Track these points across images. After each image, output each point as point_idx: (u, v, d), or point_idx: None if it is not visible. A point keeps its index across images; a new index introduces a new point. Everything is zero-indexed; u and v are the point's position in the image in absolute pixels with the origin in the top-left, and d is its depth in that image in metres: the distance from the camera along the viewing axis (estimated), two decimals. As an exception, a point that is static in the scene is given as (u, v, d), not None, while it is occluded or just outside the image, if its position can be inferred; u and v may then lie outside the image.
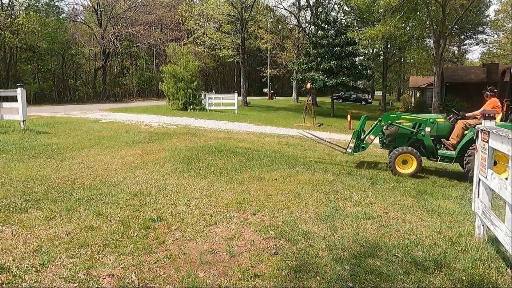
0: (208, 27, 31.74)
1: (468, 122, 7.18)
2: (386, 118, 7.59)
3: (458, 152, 6.97)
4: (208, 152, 8.66)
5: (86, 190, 5.19)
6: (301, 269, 3.13)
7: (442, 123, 7.35)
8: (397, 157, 7.08)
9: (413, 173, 7.01)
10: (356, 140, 7.68)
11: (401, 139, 7.52)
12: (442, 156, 7.20)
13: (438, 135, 7.35)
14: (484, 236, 3.80)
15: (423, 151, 7.40)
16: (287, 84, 61.53)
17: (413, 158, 7.05)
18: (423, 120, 7.38)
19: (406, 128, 7.42)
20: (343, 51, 26.56)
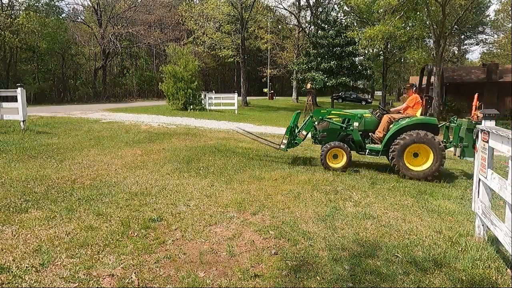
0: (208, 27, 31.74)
1: (393, 116, 7.48)
2: (317, 114, 7.74)
3: (384, 146, 7.21)
4: (208, 152, 8.66)
5: (86, 190, 5.19)
6: (301, 269, 3.13)
7: (369, 118, 7.60)
8: (328, 151, 7.23)
9: (343, 167, 7.19)
10: (289, 136, 7.74)
11: (332, 134, 7.66)
12: (370, 150, 7.42)
13: (366, 129, 7.61)
14: (484, 236, 3.80)
15: (353, 145, 7.60)
16: (287, 84, 61.53)
17: (343, 153, 7.24)
18: (351, 115, 7.60)
19: (336, 123, 7.60)
20: (343, 51, 26.58)
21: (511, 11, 38.94)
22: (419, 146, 6.89)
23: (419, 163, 6.97)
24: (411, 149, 6.92)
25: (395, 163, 6.93)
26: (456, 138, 7.40)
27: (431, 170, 6.81)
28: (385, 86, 40.86)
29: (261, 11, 37.35)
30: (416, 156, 6.99)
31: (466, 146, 7.13)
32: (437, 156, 6.78)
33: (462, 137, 7.17)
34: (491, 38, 51.71)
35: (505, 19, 43.49)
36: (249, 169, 6.95)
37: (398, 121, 7.25)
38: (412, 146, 6.87)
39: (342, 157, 7.27)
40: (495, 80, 31.12)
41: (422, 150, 6.94)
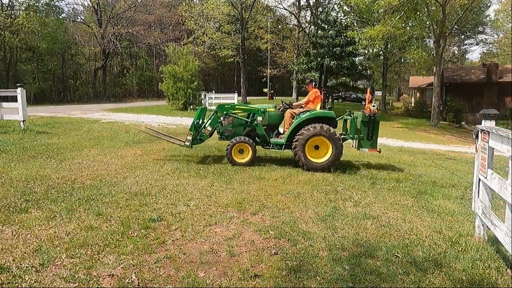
0: (208, 27, 31.75)
1: (294, 111, 7.62)
2: (221, 109, 7.66)
3: (287, 140, 7.33)
4: (208, 152, 8.66)
5: (86, 190, 5.19)
6: (301, 269, 3.13)
7: (272, 112, 7.69)
8: (233, 147, 7.21)
9: (249, 162, 7.22)
10: (194, 133, 7.60)
11: (238, 129, 7.66)
12: (274, 144, 7.49)
13: (269, 124, 7.71)
14: (484, 236, 3.79)
15: (258, 140, 7.62)
16: (287, 84, 61.48)
17: (248, 147, 7.25)
18: (255, 110, 7.59)
19: (241, 118, 7.59)
20: (343, 51, 26.55)
21: (511, 11, 38.93)
22: (319, 138, 7.10)
23: (320, 155, 7.19)
24: (312, 142, 7.10)
25: (298, 156, 7.06)
26: (353, 130, 7.70)
27: (331, 161, 7.07)
28: (385, 86, 40.82)
29: (261, 11, 37.37)
30: (317, 148, 7.21)
31: (362, 138, 7.54)
32: (335, 148, 7.05)
33: (359, 129, 7.52)
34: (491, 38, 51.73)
35: (505, 19, 43.47)
36: (249, 169, 6.95)
37: (299, 115, 7.38)
38: (313, 139, 7.06)
39: (248, 152, 7.26)
40: (495, 80, 31.13)
41: (322, 143, 7.17)
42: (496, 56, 48.11)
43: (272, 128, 7.83)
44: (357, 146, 7.66)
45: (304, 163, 7.07)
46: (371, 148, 7.59)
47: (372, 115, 7.46)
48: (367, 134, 7.52)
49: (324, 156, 7.15)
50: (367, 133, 7.51)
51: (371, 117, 7.46)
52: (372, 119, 7.47)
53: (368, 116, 7.45)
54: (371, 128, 7.50)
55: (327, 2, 41.08)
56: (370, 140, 7.54)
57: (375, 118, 7.49)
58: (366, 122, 7.49)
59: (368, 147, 7.57)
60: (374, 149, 7.62)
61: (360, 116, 7.54)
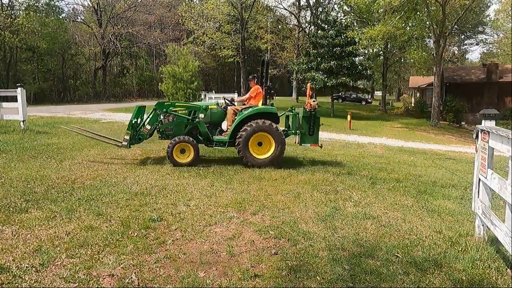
0: (208, 27, 31.76)
1: (236, 108, 7.57)
2: (160, 106, 7.40)
3: (230, 137, 7.24)
4: (208, 152, 8.66)
5: (86, 190, 5.19)
6: (301, 269, 3.13)
7: (215, 109, 7.58)
8: (174, 147, 6.96)
9: (192, 161, 7.02)
10: (132, 132, 7.22)
11: (179, 128, 7.40)
12: (217, 142, 7.37)
13: (212, 121, 7.56)
14: (484, 236, 3.79)
15: (200, 138, 7.43)
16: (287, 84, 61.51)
17: (190, 147, 7.04)
18: (196, 107, 7.41)
19: (182, 116, 7.38)
20: (343, 51, 26.55)
21: (511, 11, 38.92)
22: (262, 135, 7.11)
23: (263, 151, 7.22)
24: (255, 138, 7.09)
25: (242, 153, 7.02)
26: (295, 126, 7.69)
27: (274, 157, 7.13)
28: (385, 86, 40.83)
29: (261, 11, 37.39)
30: (260, 144, 7.21)
31: (304, 133, 7.57)
32: (278, 144, 7.10)
33: (301, 125, 7.55)
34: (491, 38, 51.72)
35: (505, 19, 43.46)
36: (249, 169, 6.95)
37: (242, 112, 7.31)
38: (256, 135, 7.06)
39: (190, 151, 7.04)
40: (495, 80, 31.14)
41: (265, 139, 7.18)
42: (496, 56, 48.10)
43: (215, 125, 7.68)
44: (300, 142, 7.67)
45: (248, 160, 7.04)
46: (313, 143, 7.65)
47: (312, 110, 7.52)
48: (309, 130, 7.57)
49: (267, 152, 7.18)
50: (308, 128, 7.56)
51: (312, 113, 7.52)
52: (313, 115, 7.53)
53: (309, 112, 7.50)
54: (312, 123, 7.55)
55: (327, 2, 41.11)
56: (312, 135, 7.60)
57: (315, 114, 7.55)
58: (307, 118, 7.53)
59: (310, 142, 7.63)
60: (316, 144, 7.68)
61: (301, 112, 7.56)
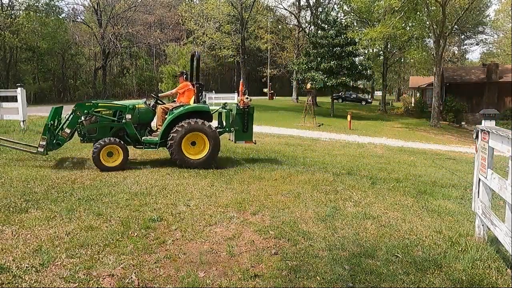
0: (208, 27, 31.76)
1: (166, 106, 7.26)
2: (81, 107, 6.83)
3: (161, 137, 6.91)
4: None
5: (86, 190, 5.19)
6: (301, 269, 3.13)
7: (143, 108, 7.14)
8: (100, 150, 6.43)
9: (120, 165, 6.57)
10: (49, 136, 6.60)
11: (104, 130, 6.91)
12: (147, 143, 6.99)
13: (140, 121, 7.12)
14: (484, 236, 3.79)
15: (129, 140, 7.00)
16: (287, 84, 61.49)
17: (119, 149, 6.59)
18: (122, 107, 6.95)
19: (107, 117, 6.88)
20: (343, 51, 26.55)
21: (511, 11, 38.93)
22: (196, 134, 6.87)
23: (197, 151, 6.99)
24: (188, 138, 6.83)
25: (175, 155, 6.75)
26: (228, 123, 7.56)
27: (209, 157, 6.92)
28: (385, 86, 40.80)
29: (261, 11, 37.39)
30: (194, 144, 6.97)
31: (237, 131, 7.44)
32: (212, 143, 6.90)
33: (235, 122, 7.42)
34: (491, 38, 51.71)
35: (505, 19, 43.47)
36: (249, 169, 6.95)
37: (173, 111, 6.98)
38: (189, 135, 6.80)
39: (118, 154, 6.59)
40: (495, 80, 31.13)
41: (198, 138, 6.95)
42: (496, 56, 48.10)
43: (144, 125, 7.24)
44: (234, 139, 7.58)
45: (181, 161, 6.77)
46: (247, 140, 7.59)
47: (246, 107, 7.42)
48: (243, 127, 7.47)
49: (202, 152, 6.95)
50: (242, 125, 7.46)
51: (245, 110, 7.42)
52: (246, 111, 7.43)
53: (242, 109, 7.40)
54: (246, 120, 7.45)
55: (327, 2, 41.06)
56: (245, 132, 7.50)
57: (249, 111, 7.45)
58: (241, 115, 7.42)
59: (244, 139, 7.57)
60: (250, 141, 7.64)
61: (234, 109, 7.45)
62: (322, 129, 18.62)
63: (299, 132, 16.13)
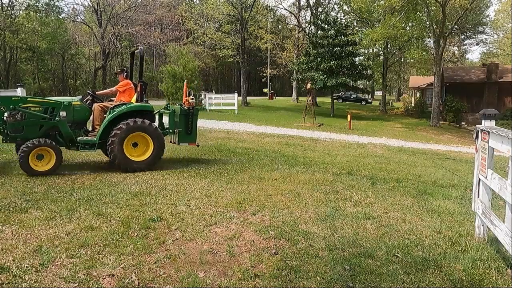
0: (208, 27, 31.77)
1: (105, 104, 6.84)
2: (6, 101, 6.09)
3: (100, 138, 6.39)
4: (208, 152, 8.67)
5: (86, 190, 5.19)
6: (301, 269, 3.13)
7: (78, 106, 6.59)
8: (30, 152, 5.83)
9: (53, 169, 6.04)
10: None
11: (31, 128, 6.16)
12: (83, 144, 6.42)
13: (75, 120, 6.58)
14: (484, 236, 3.79)
15: (61, 140, 6.40)
16: (287, 84, 61.48)
17: (50, 151, 6.02)
18: (56, 103, 6.35)
19: (37, 113, 6.17)
20: (343, 51, 26.54)
21: (511, 11, 38.94)
22: (138, 135, 6.51)
23: (140, 153, 6.62)
24: (130, 139, 6.42)
25: (115, 156, 6.28)
26: (172, 124, 7.26)
27: (153, 158, 6.60)
28: (385, 86, 40.80)
29: (261, 11, 37.38)
30: (136, 145, 6.59)
31: (181, 132, 7.16)
32: (156, 144, 6.58)
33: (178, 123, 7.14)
34: (491, 38, 51.70)
35: (505, 19, 43.47)
36: (249, 169, 6.94)
37: (113, 109, 6.49)
38: (131, 135, 6.41)
39: (51, 156, 6.03)
40: (495, 80, 31.12)
41: (141, 139, 6.59)
42: (496, 56, 48.09)
43: (79, 124, 6.71)
44: (177, 141, 7.31)
45: (123, 163, 6.34)
46: (190, 142, 7.33)
47: (191, 108, 7.16)
48: (187, 128, 7.17)
49: (145, 154, 6.59)
50: (186, 127, 7.16)
51: (190, 111, 7.15)
52: (191, 113, 7.16)
53: (187, 110, 7.12)
54: (191, 122, 7.16)
55: (327, 2, 41.09)
56: (189, 134, 7.23)
57: (193, 112, 7.18)
58: (185, 116, 7.13)
59: (188, 141, 7.31)
60: (193, 143, 7.37)
61: (178, 110, 7.17)
62: (322, 129, 18.62)
63: (299, 132, 16.14)
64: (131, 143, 6.53)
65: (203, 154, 8.38)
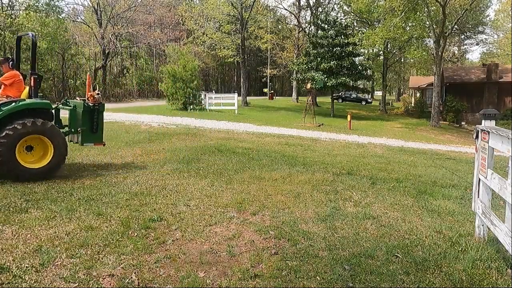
0: (208, 27, 31.76)
1: None
2: None
3: None
4: (208, 152, 8.67)
5: (86, 190, 5.19)
6: (301, 269, 3.13)
7: None
8: None
9: None
10: None
11: None
12: None
13: None
14: (484, 236, 3.79)
15: None
16: (287, 84, 61.47)
17: None
18: None
19: None
20: (343, 51, 26.54)
21: (511, 11, 38.93)
22: (34, 137, 5.61)
23: (37, 159, 5.73)
24: (24, 142, 5.54)
25: (5, 165, 5.32)
26: (74, 122, 6.41)
27: (54, 164, 5.72)
28: (385, 86, 40.80)
29: (261, 11, 37.37)
30: (30, 150, 5.68)
31: (85, 131, 6.36)
32: (57, 147, 5.72)
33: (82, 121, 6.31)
34: (491, 38, 51.68)
35: (505, 19, 43.46)
36: (249, 169, 6.94)
37: (1, 108, 5.49)
38: (25, 138, 5.50)
39: None
40: (495, 80, 31.12)
41: (37, 142, 5.71)
42: (496, 56, 48.07)
43: None
44: (81, 141, 6.43)
45: (16, 173, 5.40)
46: (96, 142, 6.58)
47: (96, 104, 6.39)
48: (92, 127, 6.40)
49: (43, 159, 5.69)
50: (91, 125, 6.39)
51: (95, 107, 6.38)
52: (96, 109, 6.39)
53: (92, 106, 6.34)
54: (96, 119, 6.42)
55: (327, 2, 41.10)
56: (95, 133, 6.46)
57: (99, 108, 6.42)
58: (89, 113, 6.33)
59: (93, 141, 6.54)
60: (99, 143, 6.64)
61: (81, 106, 6.33)
62: (322, 129, 18.62)
63: (299, 132, 16.14)
64: (24, 147, 5.63)
65: (203, 154, 8.38)
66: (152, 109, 22.47)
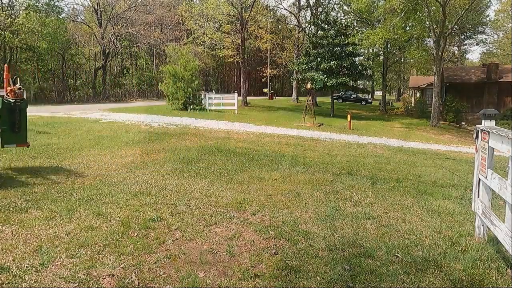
0: (208, 27, 31.74)
1: None
2: None
3: None
4: (208, 152, 8.66)
5: (86, 190, 5.19)
6: (301, 269, 3.13)
7: None
8: None
9: None
10: None
11: None
12: None
13: None
14: (484, 236, 3.79)
15: None
16: (287, 84, 61.47)
17: None
18: None
19: None
20: (343, 51, 26.53)
21: (511, 11, 38.93)
22: None
23: None
24: None
25: None
26: None
27: None
28: (385, 86, 40.80)
29: (261, 11, 37.37)
30: None
31: (6, 131, 5.68)
32: None
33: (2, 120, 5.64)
34: (491, 38, 51.66)
35: (505, 19, 43.46)
36: (249, 169, 6.94)
37: None
38: None
39: None
40: (495, 80, 31.12)
41: None
42: (496, 56, 48.08)
43: None
44: (1, 143, 5.76)
45: None
46: (19, 143, 5.90)
47: (18, 100, 5.71)
48: (13, 126, 5.68)
49: None
50: (12, 124, 5.66)
51: (16, 103, 5.66)
52: (18, 106, 5.66)
53: (12, 102, 5.63)
54: (18, 117, 5.69)
55: (327, 2, 41.08)
56: (17, 133, 5.73)
57: (21, 104, 5.71)
58: (9, 110, 5.60)
59: (15, 142, 5.86)
60: (23, 144, 5.97)
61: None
62: (322, 129, 18.61)
63: (299, 132, 16.14)
64: None
65: (203, 154, 8.38)
66: (152, 109, 22.46)
